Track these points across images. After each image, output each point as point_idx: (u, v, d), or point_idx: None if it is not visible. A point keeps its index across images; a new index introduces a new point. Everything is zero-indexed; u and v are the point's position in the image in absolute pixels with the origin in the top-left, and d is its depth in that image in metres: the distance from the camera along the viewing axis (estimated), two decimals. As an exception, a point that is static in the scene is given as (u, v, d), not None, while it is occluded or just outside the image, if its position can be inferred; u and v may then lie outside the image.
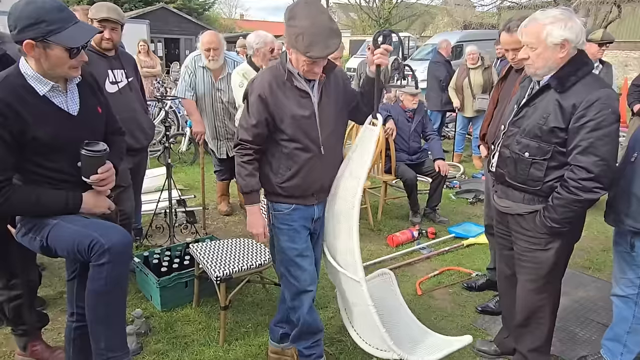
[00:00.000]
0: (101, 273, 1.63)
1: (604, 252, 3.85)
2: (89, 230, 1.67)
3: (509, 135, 2.12)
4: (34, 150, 1.68)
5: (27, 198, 1.68)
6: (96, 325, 1.68)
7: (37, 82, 1.68)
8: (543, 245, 2.10)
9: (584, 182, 1.89)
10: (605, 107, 1.85)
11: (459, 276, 3.45)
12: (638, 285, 2.21)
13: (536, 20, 1.95)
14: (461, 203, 5.11)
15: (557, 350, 2.53)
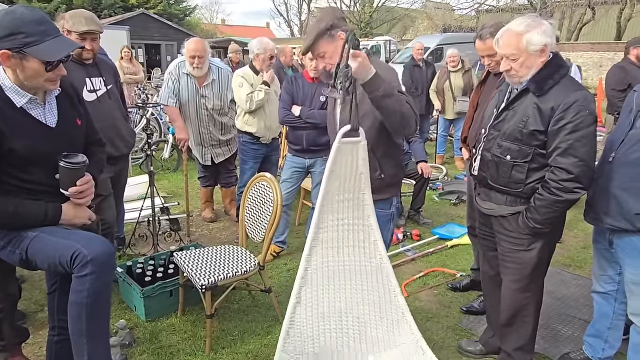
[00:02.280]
0: (84, 284, 1.60)
1: (584, 249, 3.92)
2: (71, 241, 1.64)
3: (489, 139, 2.15)
4: (10, 161, 1.64)
5: (4, 209, 1.64)
6: (79, 338, 1.65)
7: (15, 94, 1.65)
8: (526, 246, 2.13)
9: (565, 183, 1.92)
10: (582, 109, 1.89)
11: (444, 277, 3.48)
12: (617, 281, 2.25)
13: (511, 31, 1.97)
14: (444, 204, 5.16)
15: (540, 348, 2.56)
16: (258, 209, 2.90)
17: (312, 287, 2.08)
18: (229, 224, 4.52)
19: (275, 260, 3.71)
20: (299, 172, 3.71)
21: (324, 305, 2.08)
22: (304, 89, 3.57)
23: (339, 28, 2.03)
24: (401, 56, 14.45)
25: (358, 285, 2.07)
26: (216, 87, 4.04)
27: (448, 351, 2.62)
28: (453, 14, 25.20)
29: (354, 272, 2.06)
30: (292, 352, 2.04)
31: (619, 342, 2.41)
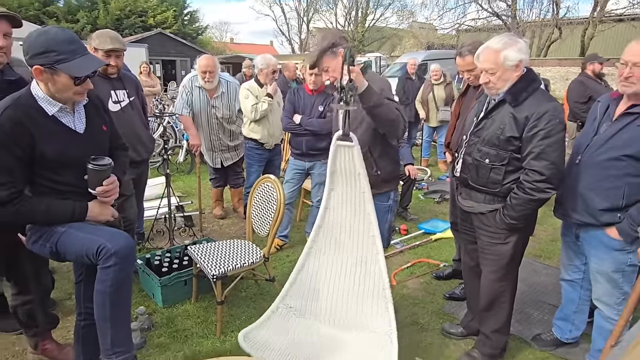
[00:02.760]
0: (108, 275, 1.59)
1: (552, 242, 3.92)
2: (97, 236, 1.63)
3: (470, 144, 2.14)
4: (43, 165, 1.63)
5: (37, 208, 1.63)
6: (103, 323, 1.64)
7: (47, 104, 1.64)
8: (503, 240, 2.12)
9: (538, 184, 1.91)
10: (553, 118, 1.89)
11: (429, 267, 3.47)
12: (583, 270, 2.25)
13: (490, 48, 1.97)
14: (429, 202, 5.15)
15: (515, 330, 2.55)
16: (263, 207, 2.89)
17: (315, 260, 2.15)
18: (237, 220, 4.51)
19: (278, 253, 3.70)
20: (299, 174, 3.70)
21: (321, 281, 2.14)
22: (304, 99, 3.56)
23: (340, 46, 2.06)
24: (390, 70, 14.41)
25: (353, 271, 2.07)
26: (225, 99, 4.03)
27: (433, 333, 2.61)
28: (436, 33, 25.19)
29: (352, 259, 2.06)
30: (287, 305, 2.18)
31: (584, 324, 2.41)
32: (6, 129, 1.54)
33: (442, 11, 23.11)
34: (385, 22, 28.83)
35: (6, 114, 1.55)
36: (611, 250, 1.98)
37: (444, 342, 2.54)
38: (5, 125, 1.53)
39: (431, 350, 2.46)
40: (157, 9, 23.18)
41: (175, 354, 2.41)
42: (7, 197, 1.56)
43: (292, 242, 3.87)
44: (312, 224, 3.80)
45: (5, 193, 1.56)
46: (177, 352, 2.42)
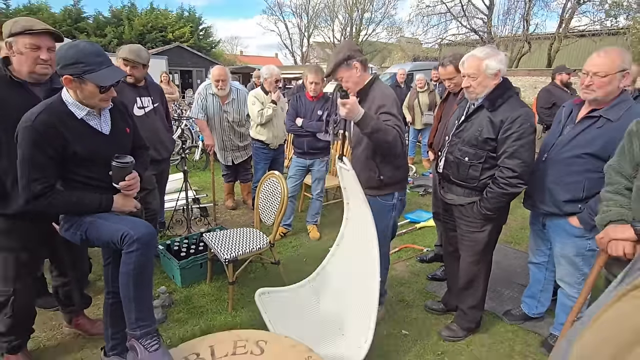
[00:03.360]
0: (131, 259, 1.58)
1: (521, 230, 3.93)
2: (121, 224, 1.61)
3: (452, 144, 2.14)
4: (74, 162, 1.62)
5: (68, 200, 1.62)
6: (128, 301, 1.63)
7: (76, 108, 1.62)
8: (479, 228, 2.13)
9: (510, 180, 1.91)
10: (525, 122, 1.88)
11: (414, 252, 3.47)
12: (548, 254, 2.26)
13: (474, 56, 1.96)
14: (414, 195, 5.15)
15: (488, 306, 2.56)
16: (269, 199, 2.89)
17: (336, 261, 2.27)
18: (247, 211, 4.50)
19: (282, 240, 3.70)
20: (301, 170, 3.69)
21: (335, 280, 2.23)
22: (305, 105, 3.54)
23: (354, 59, 2.05)
24: (381, 80, 14.40)
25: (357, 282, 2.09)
26: (236, 105, 4.00)
27: (417, 309, 2.62)
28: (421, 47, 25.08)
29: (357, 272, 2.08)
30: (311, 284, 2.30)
31: (548, 301, 2.42)
32: (40, 132, 1.52)
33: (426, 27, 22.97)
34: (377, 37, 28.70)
35: (40, 118, 1.53)
36: (572, 237, 1.98)
37: (427, 317, 2.54)
38: (39, 129, 1.52)
39: (416, 324, 2.46)
40: (176, 24, 22.98)
41: (193, 327, 2.41)
42: (40, 191, 1.55)
43: (294, 230, 3.86)
44: (312, 215, 3.83)
45: (39, 187, 1.55)
46: (194, 326, 2.42)
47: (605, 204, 1.57)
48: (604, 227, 1.52)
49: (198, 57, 20.90)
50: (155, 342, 1.54)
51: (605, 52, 1.80)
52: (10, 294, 1.84)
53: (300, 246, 3.57)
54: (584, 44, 16.71)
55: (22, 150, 1.53)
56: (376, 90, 2.08)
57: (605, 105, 1.85)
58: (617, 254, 1.44)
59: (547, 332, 2.33)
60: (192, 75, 21.03)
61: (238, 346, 1.59)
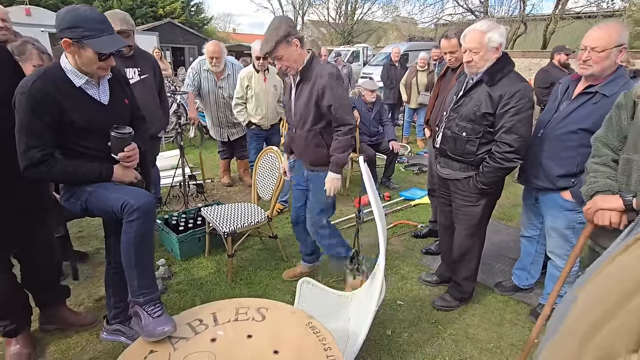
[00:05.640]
0: (132, 227, 1.58)
1: (513, 207, 4.00)
2: (121, 194, 1.60)
3: (450, 119, 2.14)
4: (72, 131, 1.59)
5: (67, 169, 1.59)
6: (130, 269, 1.63)
7: (74, 76, 1.58)
8: (474, 202, 2.16)
9: (507, 154, 1.93)
10: (523, 97, 1.88)
11: (408, 228, 3.52)
12: (540, 228, 2.31)
13: (476, 30, 1.94)
14: (409, 174, 5.18)
15: (480, 278, 2.61)
16: (267, 174, 2.89)
17: None
18: (243, 188, 4.49)
19: (279, 215, 3.72)
20: None
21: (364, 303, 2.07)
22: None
23: (293, 35, 2.01)
24: (376, 59, 14.15)
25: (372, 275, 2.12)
26: (231, 80, 3.93)
27: (412, 281, 2.68)
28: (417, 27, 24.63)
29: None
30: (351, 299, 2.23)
31: (538, 274, 2.49)
32: (37, 99, 1.49)
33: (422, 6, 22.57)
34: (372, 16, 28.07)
35: (35, 85, 1.49)
36: (564, 210, 2.03)
37: (421, 288, 2.61)
38: (35, 96, 1.48)
39: (411, 295, 2.53)
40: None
41: (193, 298, 2.44)
42: (39, 159, 1.53)
43: (290, 206, 3.88)
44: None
45: (38, 155, 1.52)
46: (194, 297, 2.45)
47: (592, 175, 1.59)
48: (591, 197, 1.55)
49: (190, 34, 20.32)
50: (159, 309, 1.57)
51: (605, 26, 1.79)
52: None
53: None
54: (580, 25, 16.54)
55: (19, 116, 1.50)
56: (317, 68, 2.09)
57: (601, 81, 1.85)
58: (604, 224, 1.48)
59: (536, 302, 2.41)
60: (184, 53, 20.49)
61: (240, 313, 1.62)
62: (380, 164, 4.74)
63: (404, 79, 6.29)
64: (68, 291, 2.23)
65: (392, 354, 2.01)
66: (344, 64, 7.98)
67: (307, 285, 2.31)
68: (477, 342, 2.11)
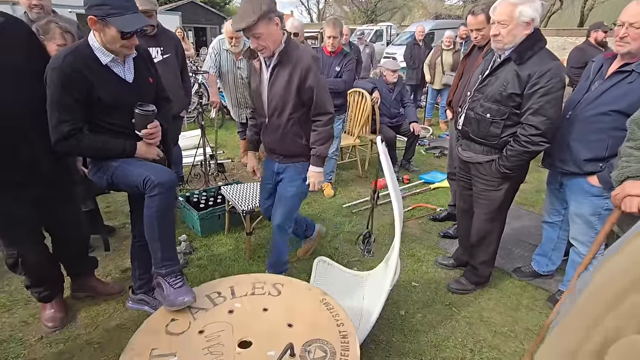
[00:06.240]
0: (154, 202, 1.63)
1: (537, 192, 3.88)
2: (144, 170, 1.66)
3: (474, 100, 2.07)
4: (99, 108, 1.65)
5: (95, 143, 1.66)
6: (153, 242, 1.71)
7: (101, 53, 1.63)
8: (496, 187, 2.11)
9: (533, 137, 1.86)
10: (554, 76, 1.79)
11: (427, 211, 3.49)
12: (563, 214, 2.24)
13: (507, 2, 1.84)
14: (429, 157, 5.10)
15: (498, 263, 2.59)
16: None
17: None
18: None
19: (297, 196, 3.76)
20: None
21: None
22: (323, 60, 3.45)
23: (275, 12, 1.81)
24: (400, 39, 13.74)
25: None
26: None
27: (428, 264, 2.68)
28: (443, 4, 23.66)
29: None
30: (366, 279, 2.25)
31: (559, 260, 2.44)
32: (67, 74, 1.54)
33: (450, -18, 21.51)
34: (397, -7, 27.16)
35: (67, 60, 1.55)
36: (590, 196, 1.96)
37: (437, 271, 2.61)
38: (66, 71, 1.54)
39: (426, 277, 2.54)
40: (189, -22, 22.18)
41: (212, 272, 2.53)
42: (68, 133, 1.59)
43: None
44: (326, 173, 3.84)
45: (67, 129, 1.59)
46: (213, 271, 2.55)
47: (624, 159, 1.52)
48: (621, 183, 1.49)
49: (212, 13, 20.29)
50: (180, 280, 1.64)
51: None
52: (15, 256, 1.88)
53: (314, 202, 3.63)
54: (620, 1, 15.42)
55: (50, 91, 1.57)
56: (297, 50, 1.90)
57: (638, 59, 1.74)
58: (631, 210, 1.42)
59: (555, 289, 2.37)
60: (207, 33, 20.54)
61: (256, 287, 1.68)
62: (400, 147, 4.68)
63: (428, 59, 6.10)
64: (96, 262, 2.36)
65: (404, 333, 2.04)
66: (367, 43, 7.80)
67: (323, 264, 2.35)
68: (491, 325, 2.11)
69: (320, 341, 1.39)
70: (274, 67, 1.93)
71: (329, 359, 1.32)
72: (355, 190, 3.88)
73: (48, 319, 2.03)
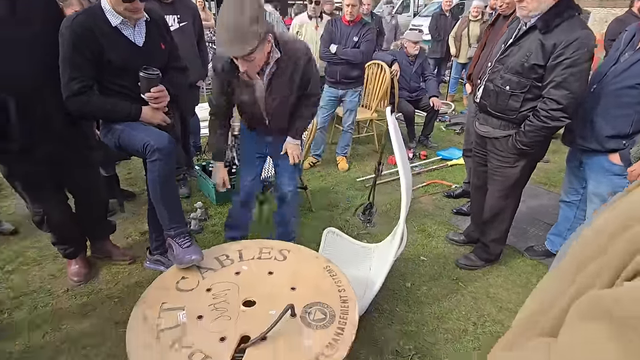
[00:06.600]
0: (154, 167, 1.68)
1: (559, 172, 3.74)
2: (145, 135, 1.69)
3: (494, 71, 1.99)
4: (108, 71, 1.69)
5: (103, 103, 1.70)
6: (158, 205, 1.77)
7: (111, 15, 1.66)
8: (512, 163, 2.06)
9: (553, 112, 1.78)
10: (582, 47, 1.67)
11: (442, 188, 3.45)
12: (581, 193, 2.18)
13: None
14: (449, 133, 4.98)
15: (510, 241, 2.56)
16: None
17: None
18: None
19: (312, 168, 3.78)
20: (333, 101, 3.63)
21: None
22: (341, 30, 3.37)
23: (269, 32, 1.64)
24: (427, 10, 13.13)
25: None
26: None
27: (438, 239, 2.69)
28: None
29: None
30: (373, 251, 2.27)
31: (574, 241, 2.38)
32: (78, 33, 1.59)
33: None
34: (427, -40, 25.67)
35: (78, 19, 1.59)
36: (610, 175, 1.89)
37: (447, 246, 2.61)
38: (77, 30, 1.59)
39: (435, 252, 2.55)
40: (211, -55, 21.68)
41: (226, 239, 2.62)
42: (78, 90, 1.65)
43: (324, 160, 3.92)
44: (342, 147, 3.84)
45: (77, 86, 1.64)
46: (227, 238, 2.64)
47: None
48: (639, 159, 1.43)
49: (234, -18, 19.90)
50: (188, 240, 1.71)
51: None
52: (41, 213, 2.00)
53: (328, 176, 3.66)
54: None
55: (63, 49, 1.62)
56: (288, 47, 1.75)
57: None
58: None
59: (567, 269, 2.33)
60: (228, 3, 20.22)
61: (263, 252, 1.74)
62: (419, 122, 4.59)
63: (454, 31, 5.83)
64: (114, 228, 2.46)
65: (408, 304, 2.08)
66: (392, 14, 7.51)
67: (332, 235, 2.40)
68: (497, 301, 2.12)
69: (321, 304, 1.44)
70: (270, 78, 1.79)
71: (328, 321, 1.37)
72: (370, 164, 3.86)
73: (73, 274, 2.18)
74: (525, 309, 0.59)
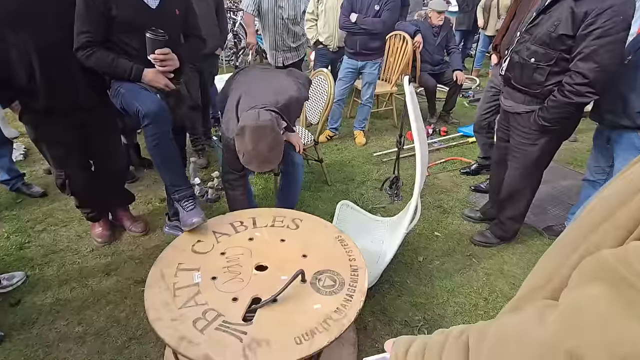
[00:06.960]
0: (148, 131, 1.72)
1: (587, 152, 3.56)
2: (135, 99, 1.72)
3: (520, 42, 1.89)
4: (117, 28, 1.72)
5: (106, 60, 1.73)
6: (159, 169, 1.83)
7: None
8: (533, 140, 1.99)
9: (578, 87, 1.69)
10: (616, 15, 1.55)
11: (461, 164, 3.39)
12: (607, 172, 2.10)
13: None
14: (472, 109, 4.80)
15: (529, 220, 2.52)
16: (316, 98, 2.88)
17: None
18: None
19: (328, 142, 3.77)
20: (352, 73, 3.56)
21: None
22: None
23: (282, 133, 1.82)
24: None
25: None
26: (291, 1, 3.77)
27: (454, 216, 2.66)
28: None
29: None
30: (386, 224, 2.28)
31: (596, 221, 2.32)
32: None
33: None
34: None
35: None
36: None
37: (462, 223, 2.59)
38: None
39: (450, 228, 2.53)
40: None
41: (242, 208, 2.69)
42: (83, 44, 1.69)
43: (340, 134, 3.89)
44: (360, 120, 3.79)
45: (84, 40, 1.69)
46: (243, 208, 2.70)
47: None
48: None
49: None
50: (191, 203, 1.77)
51: None
52: (63, 176, 2.06)
53: (345, 149, 3.64)
54: None
55: (78, 5, 1.66)
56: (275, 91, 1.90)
57: None
58: None
59: (586, 250, 2.28)
60: (249, -28, 19.71)
61: (276, 220, 1.78)
62: (441, 97, 4.46)
63: (483, 1, 5.53)
64: (132, 198, 2.49)
65: (419, 277, 2.10)
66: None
67: (346, 208, 2.41)
68: (510, 279, 2.11)
69: (331, 272, 1.47)
70: None
71: (338, 288, 1.40)
72: (388, 139, 3.81)
73: (97, 235, 2.29)
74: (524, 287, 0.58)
